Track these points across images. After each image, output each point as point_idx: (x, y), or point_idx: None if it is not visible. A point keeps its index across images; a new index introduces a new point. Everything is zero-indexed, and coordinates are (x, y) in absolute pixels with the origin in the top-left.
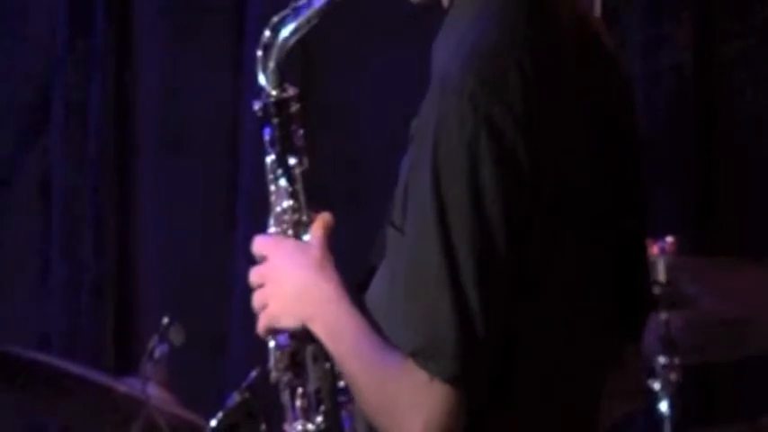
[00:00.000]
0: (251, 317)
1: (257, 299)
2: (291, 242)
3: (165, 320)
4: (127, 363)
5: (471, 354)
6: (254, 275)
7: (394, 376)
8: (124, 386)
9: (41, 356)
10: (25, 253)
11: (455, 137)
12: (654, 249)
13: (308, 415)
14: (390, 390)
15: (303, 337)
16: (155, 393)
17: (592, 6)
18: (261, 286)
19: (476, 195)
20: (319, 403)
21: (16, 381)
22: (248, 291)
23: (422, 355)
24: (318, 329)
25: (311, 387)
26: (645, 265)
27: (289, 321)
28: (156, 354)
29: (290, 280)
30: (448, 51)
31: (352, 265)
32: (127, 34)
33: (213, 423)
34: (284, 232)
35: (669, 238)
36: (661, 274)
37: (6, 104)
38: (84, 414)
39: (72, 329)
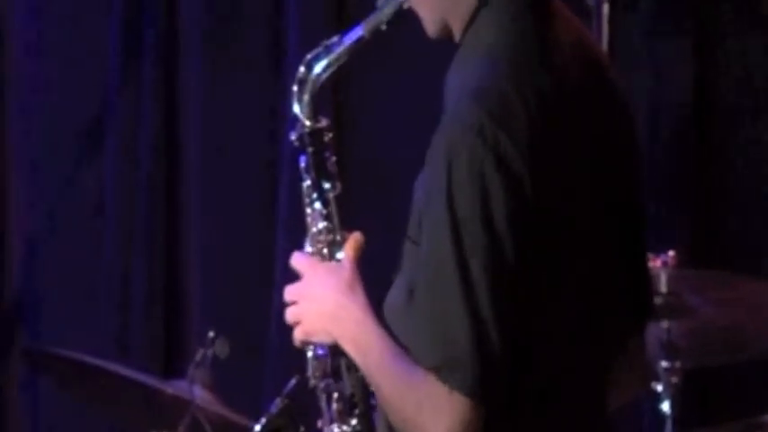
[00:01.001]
0: (289, 325)
1: (291, 314)
2: (325, 265)
3: (211, 334)
4: (175, 367)
5: (488, 367)
6: (289, 293)
7: (417, 389)
8: (172, 388)
9: (95, 360)
10: (83, 265)
11: (466, 167)
12: (656, 262)
13: (343, 418)
14: (414, 401)
15: (337, 350)
16: (200, 395)
17: (594, 29)
18: (295, 303)
19: (487, 220)
20: (354, 407)
21: (70, 382)
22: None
23: (443, 370)
24: (348, 346)
25: (346, 392)
26: (645, 266)
27: (321, 338)
28: (213, 351)
29: (322, 300)
30: (460, 85)
31: (383, 274)
32: (174, 61)
33: (257, 428)
34: (319, 252)
35: (671, 252)
36: (663, 285)
37: (64, 128)
38: (134, 414)
39: (125, 335)
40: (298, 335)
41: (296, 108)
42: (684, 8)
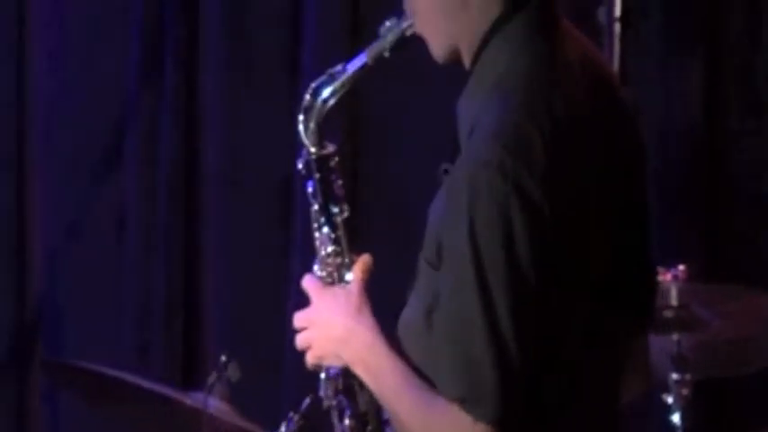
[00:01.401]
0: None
1: (301, 340)
2: (332, 289)
3: (223, 358)
4: (194, 379)
5: (512, 397)
6: (298, 320)
7: (438, 419)
8: (189, 399)
9: (114, 371)
10: (103, 277)
11: (488, 203)
12: (667, 276)
13: None
14: (436, 429)
15: (349, 370)
16: (217, 406)
17: (606, 48)
18: (304, 329)
19: (510, 256)
20: (366, 425)
21: (90, 393)
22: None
23: (467, 401)
24: (361, 372)
25: (358, 410)
26: (650, 270)
27: (332, 362)
28: (223, 375)
29: (331, 325)
30: (473, 115)
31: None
32: (193, 75)
33: None
34: (329, 274)
35: (681, 267)
36: (673, 298)
37: (84, 140)
38: (153, 425)
39: (144, 348)
40: (309, 359)
41: (302, 135)
42: (694, 27)
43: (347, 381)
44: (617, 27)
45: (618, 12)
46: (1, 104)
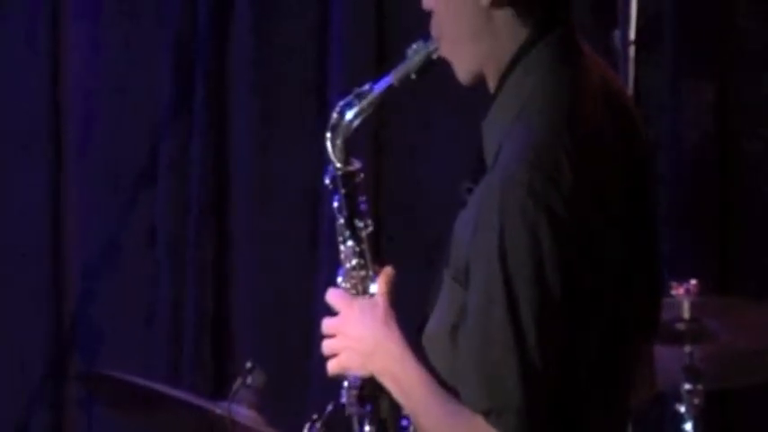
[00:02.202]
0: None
1: (328, 347)
2: (359, 301)
3: (249, 364)
4: (223, 391)
5: (536, 412)
6: (327, 327)
7: (463, 430)
8: (218, 408)
9: (146, 381)
10: (135, 294)
11: (518, 223)
12: (680, 290)
13: None
14: None
15: (371, 380)
16: (245, 415)
17: (621, 71)
18: (332, 336)
19: (538, 272)
20: (385, 431)
21: (123, 402)
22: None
23: (491, 415)
24: (388, 383)
25: (379, 417)
26: (658, 282)
27: (357, 371)
28: (248, 381)
29: (359, 338)
30: (502, 136)
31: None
32: (223, 102)
33: None
34: (354, 286)
35: (693, 281)
36: (686, 312)
37: (118, 163)
38: None
39: (176, 361)
40: (333, 367)
41: (329, 152)
42: (706, 51)
43: (368, 389)
44: (631, 50)
45: (632, 35)
46: (38, 126)
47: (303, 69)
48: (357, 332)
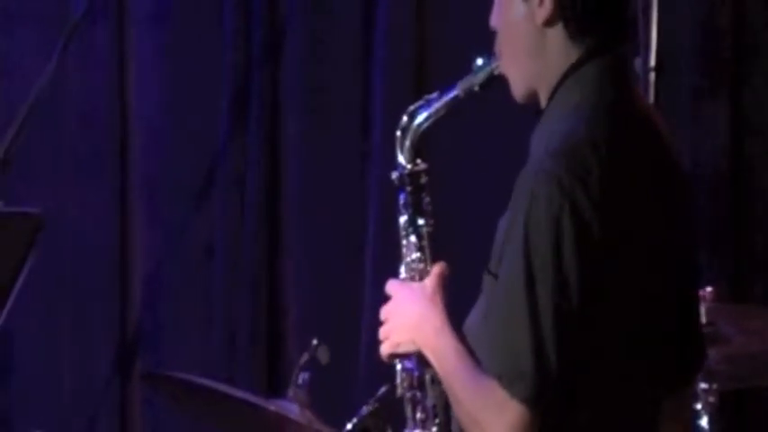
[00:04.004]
0: (377, 344)
1: (383, 332)
2: (412, 284)
3: (314, 342)
4: (277, 387)
5: (544, 382)
6: (382, 312)
7: (483, 393)
8: (273, 406)
9: (205, 380)
10: (194, 302)
11: (543, 212)
12: None
13: (425, 425)
14: (480, 402)
15: (423, 363)
16: (298, 412)
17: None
18: (386, 321)
19: (557, 258)
20: (435, 416)
21: (185, 401)
22: (375, 325)
23: (504, 379)
24: (427, 352)
25: (429, 403)
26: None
27: (406, 348)
28: (300, 380)
29: (408, 314)
30: (542, 141)
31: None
32: (276, 122)
33: (349, 426)
34: (412, 278)
35: (709, 289)
36: (702, 317)
37: (179, 180)
38: (238, 428)
39: (231, 366)
40: (385, 348)
41: (398, 151)
42: (722, 74)
43: (421, 374)
44: (652, 76)
45: (653, 62)
46: (107, 148)
47: (349, 92)
48: (406, 309)
